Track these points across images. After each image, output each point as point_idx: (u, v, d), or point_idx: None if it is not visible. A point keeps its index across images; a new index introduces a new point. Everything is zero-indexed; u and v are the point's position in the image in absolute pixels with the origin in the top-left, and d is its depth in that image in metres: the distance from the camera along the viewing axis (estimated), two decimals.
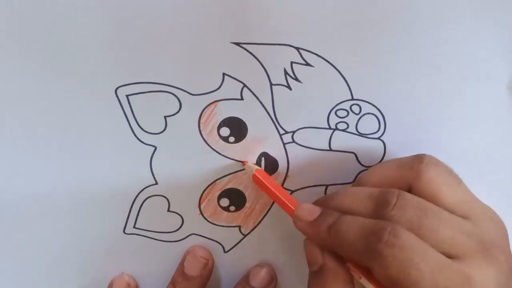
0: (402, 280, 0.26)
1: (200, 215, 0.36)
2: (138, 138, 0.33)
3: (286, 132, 0.34)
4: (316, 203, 0.32)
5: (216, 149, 0.34)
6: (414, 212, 0.28)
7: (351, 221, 0.28)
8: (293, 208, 0.31)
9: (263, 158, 0.34)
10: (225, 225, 0.36)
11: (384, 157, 0.34)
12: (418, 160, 0.30)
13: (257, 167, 0.34)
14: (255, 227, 0.36)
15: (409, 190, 0.29)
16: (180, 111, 0.33)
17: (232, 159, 0.34)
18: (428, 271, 0.26)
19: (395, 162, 0.31)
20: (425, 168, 0.29)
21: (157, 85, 0.32)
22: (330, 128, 0.34)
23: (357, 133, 0.34)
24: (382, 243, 0.26)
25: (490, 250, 0.28)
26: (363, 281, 0.28)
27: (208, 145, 0.34)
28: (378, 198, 0.29)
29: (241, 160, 0.34)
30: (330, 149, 0.34)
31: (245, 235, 0.36)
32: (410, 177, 0.30)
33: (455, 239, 0.27)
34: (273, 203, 0.36)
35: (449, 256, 0.27)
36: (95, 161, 0.33)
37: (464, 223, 0.28)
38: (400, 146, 0.34)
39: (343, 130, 0.34)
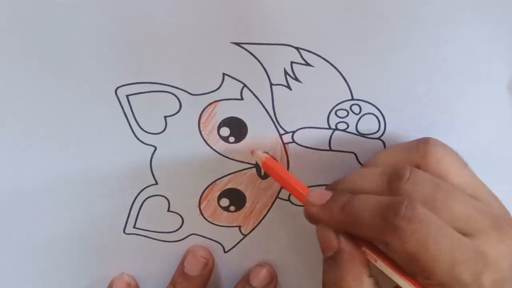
0: (421, 255, 0.26)
1: (200, 215, 0.36)
2: (138, 138, 0.33)
3: (286, 132, 0.34)
4: (326, 189, 0.31)
5: (216, 149, 0.34)
6: (428, 186, 0.27)
7: (365, 198, 0.28)
8: (304, 194, 0.30)
9: None
10: (225, 225, 0.36)
11: None
12: (424, 141, 0.30)
13: (266, 154, 0.34)
14: (255, 227, 0.36)
15: None
16: (180, 111, 0.33)
17: (232, 159, 0.34)
18: (447, 246, 0.26)
19: (400, 146, 0.31)
20: (432, 149, 0.29)
21: (157, 85, 0.32)
22: (330, 128, 0.34)
23: (357, 133, 0.34)
24: (400, 217, 0.26)
25: (503, 226, 0.28)
26: (380, 264, 0.28)
27: (208, 145, 0.34)
28: (390, 173, 0.28)
29: (242, 160, 0.34)
30: (330, 149, 0.34)
31: (245, 235, 0.36)
32: (418, 157, 0.29)
33: (469, 215, 0.27)
34: (273, 203, 0.36)
35: (463, 232, 0.27)
36: (95, 161, 0.33)
37: (475, 200, 0.28)
38: None
39: (343, 130, 0.34)
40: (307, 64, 0.32)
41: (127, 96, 0.32)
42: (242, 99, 0.33)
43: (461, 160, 0.30)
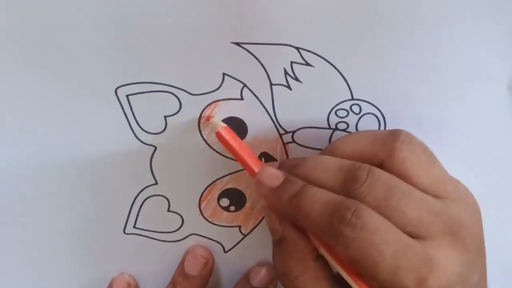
0: (362, 261, 0.26)
1: (200, 215, 0.36)
2: (138, 138, 0.33)
3: (286, 132, 0.34)
4: (281, 166, 0.30)
5: (216, 149, 0.34)
6: (383, 190, 0.27)
7: (315, 193, 0.28)
8: (256, 171, 0.30)
9: (263, 158, 0.34)
10: (225, 225, 0.36)
11: None
12: (393, 137, 0.29)
13: (223, 124, 0.33)
14: (255, 227, 0.36)
15: (381, 166, 0.29)
16: (180, 111, 0.33)
17: (232, 159, 0.34)
18: (389, 252, 0.26)
19: (370, 136, 0.30)
20: (399, 147, 0.29)
21: (157, 85, 0.32)
22: (330, 128, 0.34)
23: None
24: (344, 224, 0.26)
25: (457, 231, 0.27)
26: (322, 251, 0.28)
27: (208, 145, 0.34)
28: (347, 172, 0.28)
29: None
30: None
31: (245, 235, 0.36)
32: (383, 154, 0.29)
33: (422, 219, 0.27)
34: None
35: (414, 236, 0.27)
36: (95, 161, 0.33)
37: (434, 203, 0.28)
38: None
39: (343, 130, 0.34)
40: (307, 64, 0.32)
41: (127, 96, 0.32)
42: (242, 99, 0.33)
43: (428, 157, 0.29)
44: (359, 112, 0.33)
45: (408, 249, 0.26)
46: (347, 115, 0.33)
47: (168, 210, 0.35)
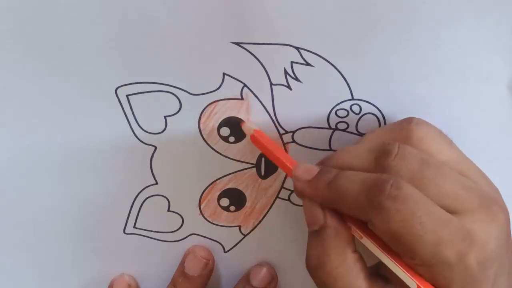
0: (404, 235, 0.25)
1: (200, 215, 0.36)
2: (138, 138, 0.33)
3: (286, 132, 0.34)
4: (315, 164, 0.30)
5: (216, 149, 0.34)
6: (416, 163, 0.27)
7: (351, 175, 0.28)
8: (292, 168, 0.30)
9: (263, 158, 0.34)
10: (225, 225, 0.36)
11: None
12: (407, 121, 0.29)
13: (255, 127, 0.33)
14: (255, 227, 0.36)
15: None
16: (180, 111, 0.33)
17: (232, 159, 0.34)
18: (431, 225, 0.25)
19: (385, 127, 0.31)
20: (415, 128, 0.29)
21: (157, 85, 0.32)
22: (330, 128, 0.34)
23: (357, 133, 0.34)
24: (385, 196, 0.26)
25: (491, 206, 0.27)
26: (365, 241, 0.28)
27: (208, 145, 0.34)
28: (378, 150, 0.28)
29: (242, 160, 0.34)
30: (330, 149, 0.34)
31: (245, 235, 0.36)
32: (401, 137, 0.29)
33: (457, 193, 0.27)
34: (273, 203, 0.36)
35: (450, 210, 0.26)
36: (95, 161, 0.33)
37: (464, 178, 0.28)
38: None
39: (343, 130, 0.34)
40: (307, 64, 0.32)
41: (127, 96, 0.32)
42: (242, 99, 0.33)
43: (446, 138, 0.30)
44: (359, 112, 0.33)
45: (449, 223, 0.26)
46: (347, 115, 0.33)
47: (168, 210, 0.35)
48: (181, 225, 0.36)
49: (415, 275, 0.26)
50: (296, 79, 0.32)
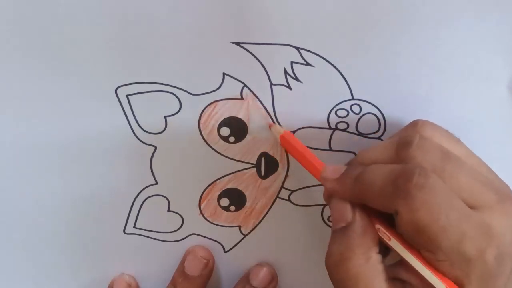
0: (430, 226, 0.25)
1: (200, 215, 0.36)
2: (138, 138, 0.33)
3: None
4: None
5: (216, 149, 0.34)
6: (437, 154, 0.27)
7: (377, 167, 0.28)
8: (320, 169, 0.30)
9: (263, 158, 0.34)
10: (225, 225, 0.36)
11: None
12: (413, 124, 0.30)
13: (284, 129, 0.33)
14: (255, 227, 0.36)
15: None
16: (180, 111, 0.33)
17: (232, 159, 0.34)
18: (456, 219, 0.25)
19: (392, 137, 0.31)
20: (422, 129, 0.29)
21: (157, 85, 0.32)
22: (330, 128, 0.34)
23: (357, 133, 0.34)
24: (412, 184, 0.25)
25: (506, 201, 0.27)
26: (393, 242, 0.27)
27: (208, 145, 0.34)
28: (398, 142, 0.28)
29: (242, 160, 0.34)
30: (330, 149, 0.34)
31: (245, 235, 0.36)
32: None
33: (475, 187, 0.27)
34: (273, 203, 0.36)
35: (469, 205, 0.26)
36: (95, 161, 0.33)
37: (480, 173, 0.28)
38: None
39: (343, 130, 0.34)
40: (307, 64, 0.32)
41: (127, 96, 0.32)
42: (242, 99, 0.33)
43: (453, 136, 0.30)
44: (359, 112, 0.33)
45: (470, 217, 0.26)
46: (347, 115, 0.33)
47: (168, 210, 0.35)
48: (181, 225, 0.36)
49: (445, 279, 0.26)
50: (296, 79, 0.32)
